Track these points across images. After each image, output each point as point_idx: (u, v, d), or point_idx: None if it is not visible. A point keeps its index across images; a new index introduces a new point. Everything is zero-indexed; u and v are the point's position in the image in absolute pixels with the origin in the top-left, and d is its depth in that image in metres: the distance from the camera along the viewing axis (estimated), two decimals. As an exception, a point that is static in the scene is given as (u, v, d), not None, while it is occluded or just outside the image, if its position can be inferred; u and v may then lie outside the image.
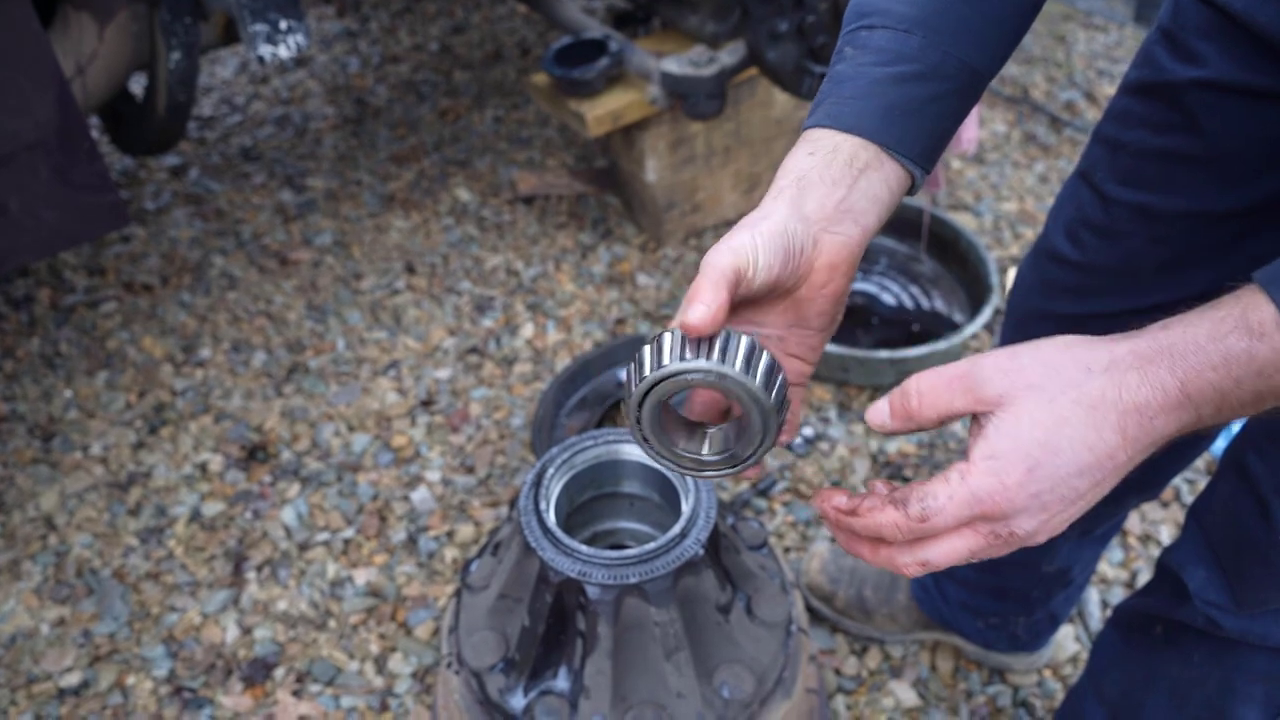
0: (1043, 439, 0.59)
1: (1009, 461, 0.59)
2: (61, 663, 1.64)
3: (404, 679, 1.61)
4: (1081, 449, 0.58)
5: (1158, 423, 0.58)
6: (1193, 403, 0.57)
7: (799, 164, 0.72)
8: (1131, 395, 0.58)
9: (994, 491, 0.59)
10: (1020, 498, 0.59)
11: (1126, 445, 0.58)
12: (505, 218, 2.56)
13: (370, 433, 2.02)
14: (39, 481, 1.93)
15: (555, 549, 1.11)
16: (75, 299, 2.34)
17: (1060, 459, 0.58)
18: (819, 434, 1.98)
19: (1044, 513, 0.60)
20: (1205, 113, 0.85)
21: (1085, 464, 0.59)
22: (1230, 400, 0.57)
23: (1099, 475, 0.59)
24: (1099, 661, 1.22)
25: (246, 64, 3.25)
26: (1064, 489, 0.59)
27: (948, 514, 0.60)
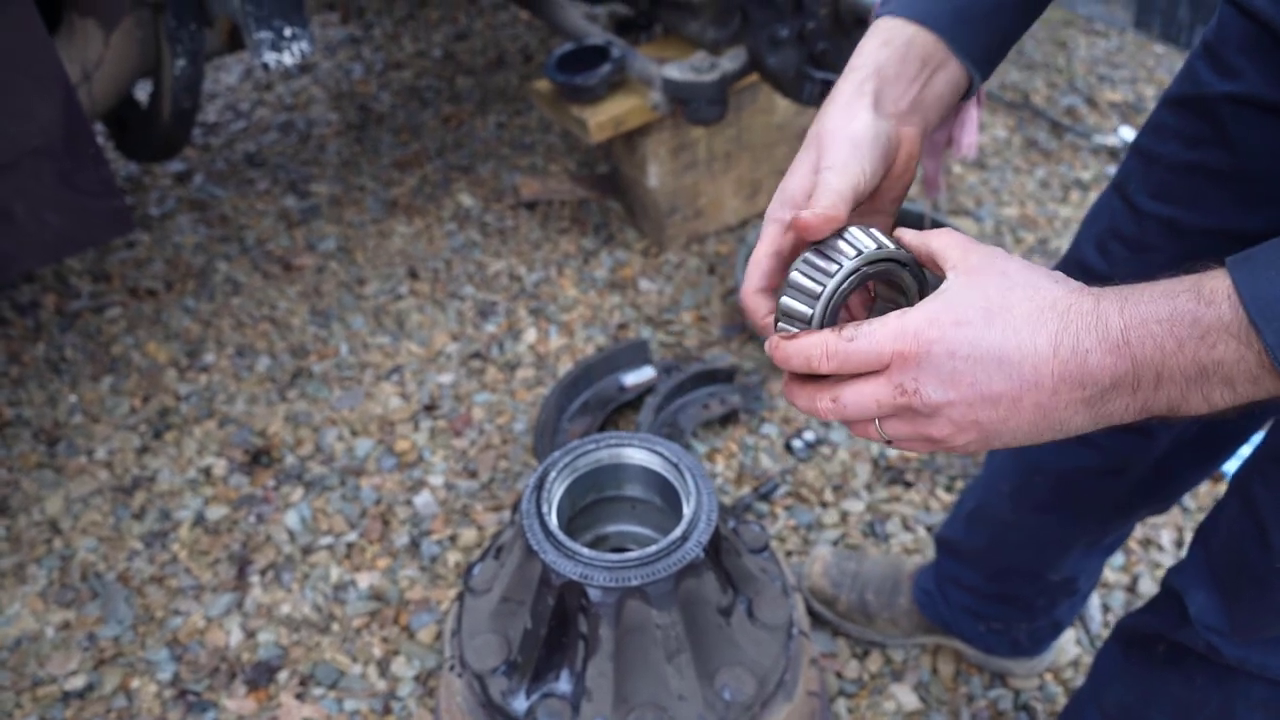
0: (983, 307, 0.60)
1: (944, 309, 0.60)
2: (66, 666, 1.65)
3: (407, 682, 1.61)
4: (1011, 339, 0.59)
5: (1092, 358, 0.57)
6: (1131, 351, 0.56)
7: (875, 55, 0.74)
8: (1078, 317, 0.58)
9: (919, 329, 0.60)
10: (938, 348, 0.60)
11: (1055, 365, 0.58)
12: (508, 223, 2.57)
13: (373, 437, 2.03)
14: (44, 486, 1.94)
15: (557, 552, 1.12)
16: (80, 304, 2.35)
17: (989, 334, 0.59)
18: (820, 438, 1.99)
19: (952, 388, 0.60)
20: (1237, 127, 0.85)
21: (1008, 356, 0.59)
22: (1171, 365, 0.56)
23: (1015, 383, 0.59)
24: (1101, 674, 1.23)
25: (251, 70, 3.26)
26: (979, 370, 0.59)
27: (874, 339, 0.61)
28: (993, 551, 1.40)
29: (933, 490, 1.88)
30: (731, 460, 1.96)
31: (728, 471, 1.94)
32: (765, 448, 1.97)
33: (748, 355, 2.17)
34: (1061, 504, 1.27)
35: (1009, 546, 1.37)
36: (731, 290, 2.33)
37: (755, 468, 1.94)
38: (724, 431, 2.02)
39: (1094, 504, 1.26)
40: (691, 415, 1.99)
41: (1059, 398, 0.59)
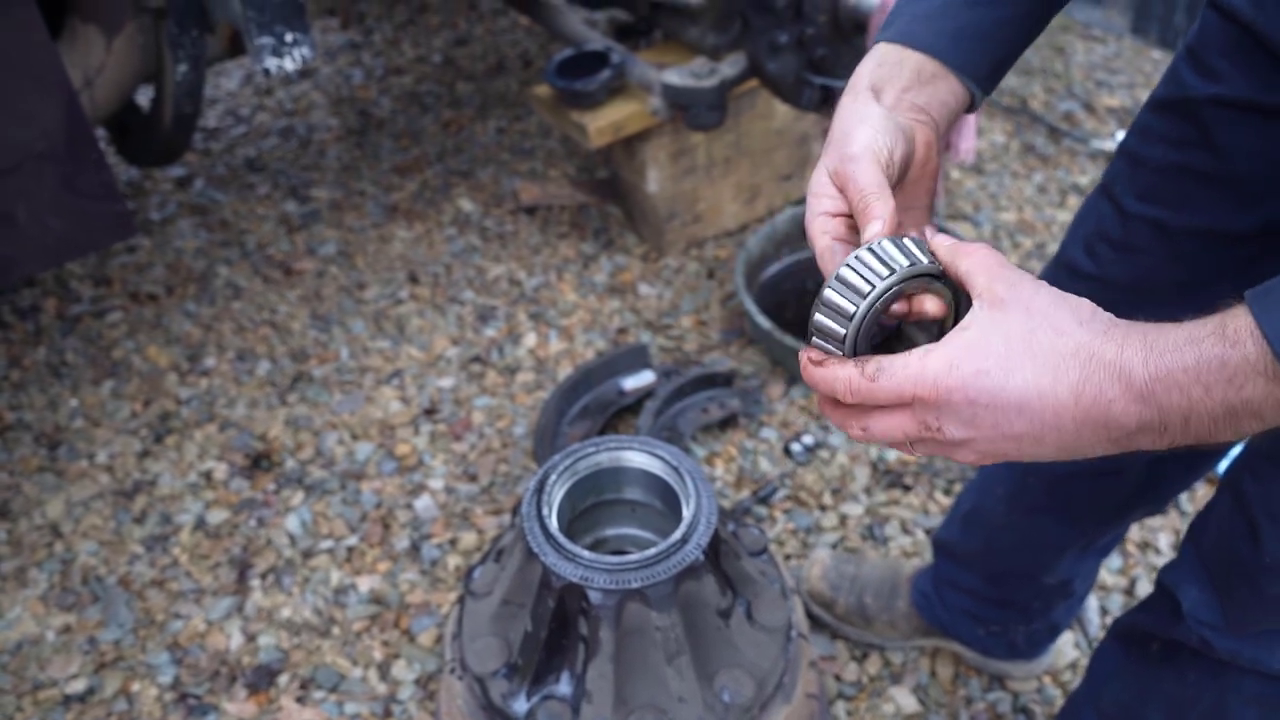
0: (1004, 355, 0.60)
1: (967, 356, 0.60)
2: (67, 669, 1.66)
3: (407, 685, 1.62)
4: (1033, 386, 0.59)
5: (1116, 406, 0.57)
6: (1158, 401, 0.57)
7: (870, 72, 0.75)
8: (1100, 367, 0.58)
9: (939, 375, 0.60)
10: (958, 395, 0.60)
11: (1076, 413, 0.58)
12: (508, 228, 2.58)
13: (374, 441, 2.03)
14: (45, 489, 1.94)
15: (558, 554, 1.12)
16: (81, 309, 2.36)
17: (1010, 381, 0.59)
18: (819, 442, 1.99)
19: (974, 429, 0.61)
20: (1220, 129, 0.86)
21: (1029, 403, 0.59)
22: (1200, 410, 0.56)
23: (1037, 425, 0.60)
24: (1098, 673, 1.23)
25: (251, 76, 3.27)
26: (999, 415, 0.60)
27: (895, 380, 0.62)
28: (988, 554, 1.41)
29: (931, 494, 1.89)
30: (731, 464, 1.97)
31: (727, 475, 1.94)
32: (764, 451, 1.98)
33: (747, 359, 2.18)
34: (1056, 506, 1.28)
35: (1004, 549, 1.38)
36: (731, 295, 2.34)
37: (754, 471, 1.94)
38: (723, 435, 2.02)
39: (1089, 505, 1.26)
40: (691, 419, 2.00)
41: (1082, 438, 0.60)
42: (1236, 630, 0.96)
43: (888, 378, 0.62)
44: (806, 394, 2.09)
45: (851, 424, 0.67)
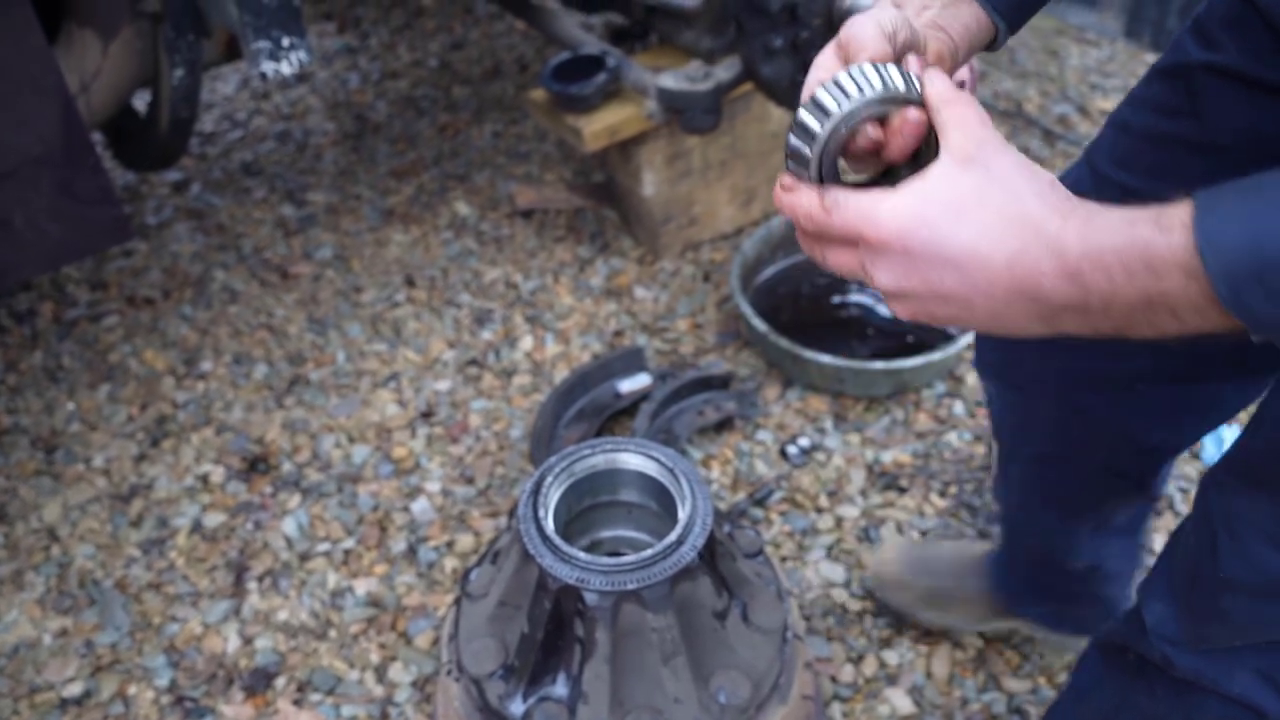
0: (951, 211, 0.59)
1: (914, 205, 0.60)
2: (64, 673, 1.66)
3: (404, 688, 1.62)
4: (969, 246, 0.59)
5: (1045, 281, 0.58)
6: (1083, 280, 0.57)
7: None
8: (1038, 239, 0.58)
9: (883, 219, 0.61)
10: (896, 243, 0.61)
11: (1008, 280, 0.59)
12: (504, 231, 2.58)
13: (370, 444, 2.04)
14: (42, 493, 1.94)
15: (554, 556, 1.13)
16: (78, 313, 2.36)
17: (950, 238, 0.59)
18: (815, 444, 2.00)
19: (905, 280, 0.62)
20: (1209, 97, 0.88)
21: (963, 263, 0.59)
22: (1121, 296, 0.56)
23: (968, 288, 0.60)
24: (1080, 681, 1.23)
25: (248, 80, 3.28)
26: (932, 270, 0.61)
27: (846, 216, 0.63)
28: (1014, 541, 1.43)
29: (927, 496, 1.89)
30: (727, 466, 1.97)
31: (723, 478, 1.95)
32: (760, 454, 1.99)
33: (743, 362, 2.19)
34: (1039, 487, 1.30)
35: (1021, 534, 1.40)
36: (726, 298, 2.34)
37: (751, 474, 1.95)
38: (719, 438, 2.03)
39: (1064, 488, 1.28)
40: (687, 422, 2.01)
41: (1012, 307, 0.60)
42: (1194, 645, 0.95)
43: (840, 212, 0.63)
44: (802, 397, 2.10)
45: (815, 250, 0.68)
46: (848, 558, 1.80)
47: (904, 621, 1.68)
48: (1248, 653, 0.94)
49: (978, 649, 1.65)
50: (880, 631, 1.68)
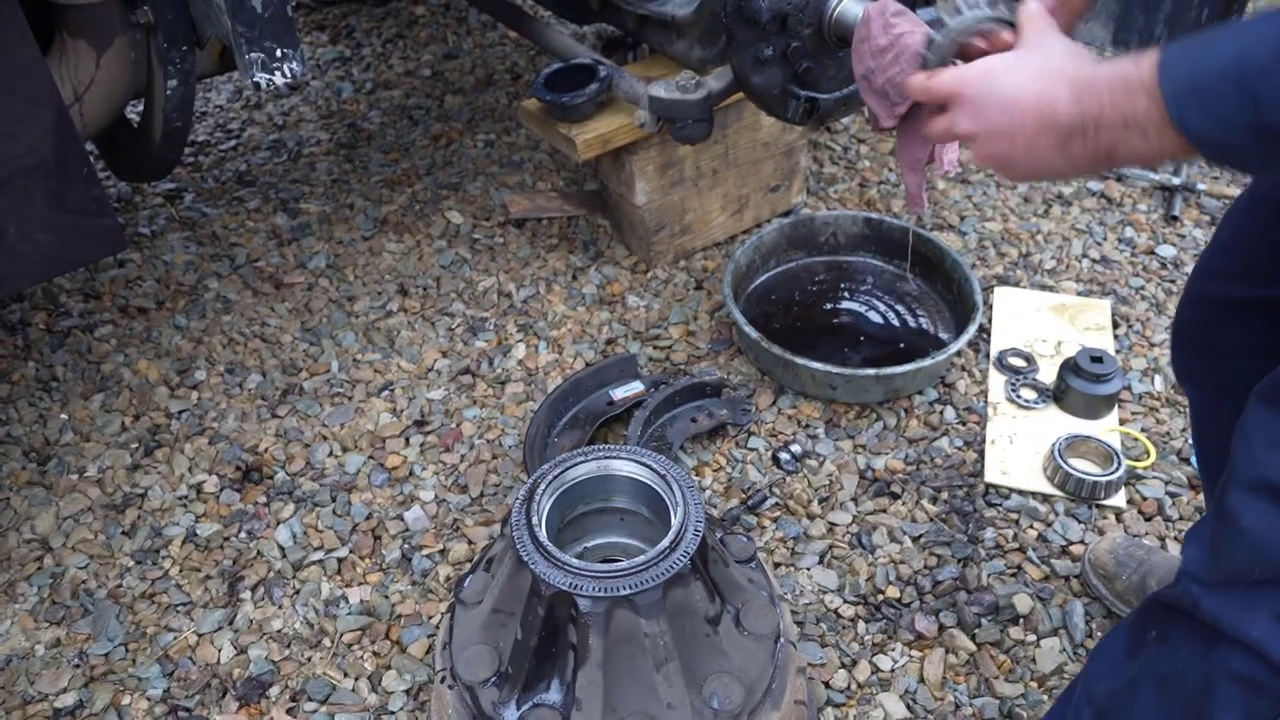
0: (1008, 68, 0.88)
1: (986, 67, 0.90)
2: (57, 684, 1.65)
3: (398, 696, 1.62)
4: (1012, 88, 0.86)
5: (1060, 107, 0.81)
6: (1082, 103, 0.79)
7: None
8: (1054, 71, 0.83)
9: (963, 78, 0.91)
10: (968, 90, 0.90)
11: (1034, 110, 0.83)
12: (497, 240, 2.59)
13: (364, 453, 2.04)
14: (34, 504, 1.94)
15: (547, 562, 1.13)
16: (71, 322, 2.36)
17: (1002, 84, 0.87)
18: (807, 451, 2.01)
19: (973, 121, 0.90)
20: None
21: (1007, 102, 0.86)
22: (1106, 116, 0.77)
23: (1011, 122, 0.85)
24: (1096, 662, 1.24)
25: (241, 90, 3.28)
26: (989, 110, 0.88)
27: (941, 81, 0.95)
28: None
29: (919, 502, 1.90)
30: (719, 473, 1.98)
31: (716, 484, 1.95)
32: (753, 460, 1.99)
33: (735, 369, 2.19)
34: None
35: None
36: (719, 305, 2.35)
37: (743, 480, 1.95)
38: (712, 445, 2.04)
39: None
40: (679, 429, 2.01)
41: (1040, 138, 0.83)
42: (1217, 579, 0.99)
43: (936, 82, 0.95)
44: (795, 403, 2.10)
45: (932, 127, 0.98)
46: (840, 564, 1.80)
47: (898, 627, 1.69)
48: (1266, 594, 0.97)
49: (970, 654, 1.66)
50: (873, 637, 1.69)
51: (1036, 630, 1.69)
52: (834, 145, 2.90)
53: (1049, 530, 1.84)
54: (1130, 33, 3.28)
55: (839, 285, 2.40)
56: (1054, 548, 1.81)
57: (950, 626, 1.69)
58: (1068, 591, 1.74)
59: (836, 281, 2.41)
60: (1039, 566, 1.78)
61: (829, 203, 2.69)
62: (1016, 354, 2.19)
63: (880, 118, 1.88)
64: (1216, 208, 2.61)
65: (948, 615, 1.71)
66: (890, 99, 1.80)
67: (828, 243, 2.45)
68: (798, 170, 2.58)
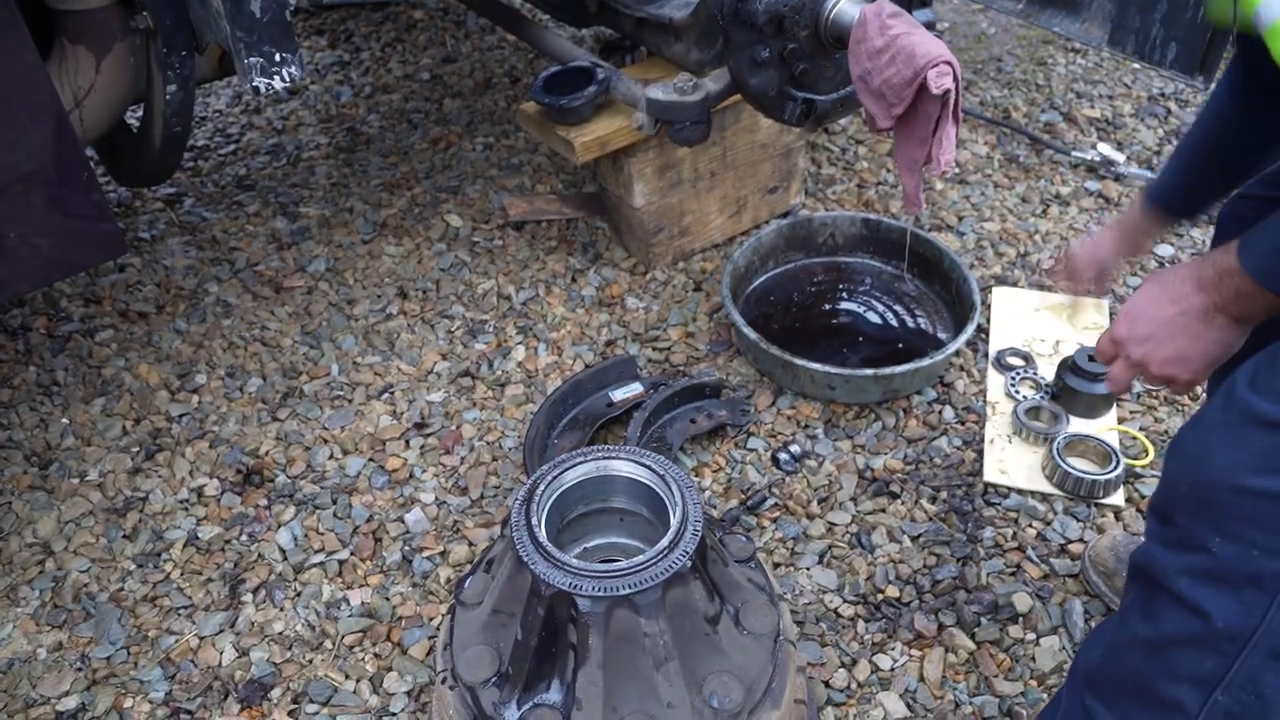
0: (1137, 300, 1.12)
1: (1123, 314, 1.13)
2: (59, 687, 1.66)
3: (399, 697, 1.63)
4: (1151, 305, 1.09)
5: (1192, 297, 1.05)
6: (1205, 288, 1.04)
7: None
8: (1178, 278, 1.07)
9: (1114, 329, 1.14)
10: (1121, 329, 1.13)
11: (1177, 305, 1.06)
12: (496, 243, 2.60)
13: (364, 455, 2.04)
14: (36, 508, 1.95)
15: (547, 562, 1.14)
16: (71, 327, 2.36)
17: (1139, 309, 1.11)
18: (806, 451, 2.01)
19: (1141, 344, 1.10)
20: None
21: (1153, 313, 1.09)
22: (1224, 292, 1.02)
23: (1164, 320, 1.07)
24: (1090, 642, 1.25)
25: (240, 95, 3.29)
26: (1145, 328, 1.09)
27: (1103, 345, 1.18)
28: None
29: (918, 501, 1.91)
30: (719, 474, 1.98)
31: (715, 485, 1.96)
32: (752, 461, 2.00)
33: (734, 370, 2.20)
34: None
35: None
36: (718, 307, 2.36)
37: (743, 481, 1.96)
38: (711, 446, 2.04)
39: None
40: (679, 430, 2.02)
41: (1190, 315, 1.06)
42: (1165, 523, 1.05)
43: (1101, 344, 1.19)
44: (794, 404, 2.11)
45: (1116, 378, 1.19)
46: (839, 563, 1.81)
47: (898, 626, 1.70)
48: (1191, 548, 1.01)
49: (970, 652, 1.66)
50: (873, 636, 1.69)
51: (1036, 629, 1.69)
52: (832, 147, 2.91)
53: (1048, 529, 1.84)
54: (1126, 33, 3.28)
55: (837, 286, 2.41)
56: (1053, 546, 1.82)
57: (950, 625, 1.70)
58: (1066, 590, 1.75)
59: (835, 282, 2.42)
60: (1038, 565, 1.78)
61: (827, 204, 2.70)
62: (1015, 353, 2.19)
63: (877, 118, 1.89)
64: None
65: (947, 614, 1.71)
66: (887, 100, 1.81)
67: (826, 244, 2.45)
68: (796, 172, 2.59)
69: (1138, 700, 1.10)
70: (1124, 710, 1.12)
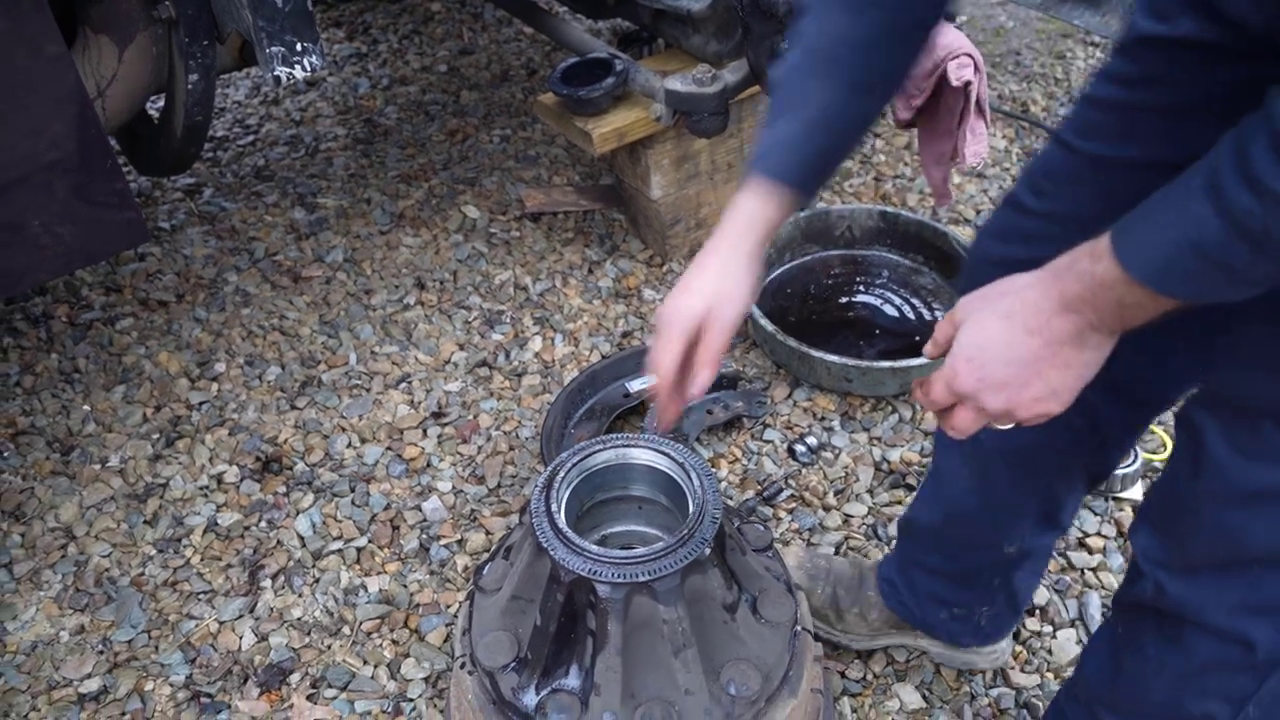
0: (977, 342, 0.86)
1: (957, 359, 0.88)
2: (81, 669, 1.68)
3: (417, 683, 1.64)
4: (1001, 344, 0.84)
5: (1055, 322, 0.81)
6: (1073, 307, 0.80)
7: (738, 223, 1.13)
8: (1029, 304, 0.83)
9: (952, 378, 0.88)
10: (969, 381, 0.87)
11: (1038, 335, 0.82)
12: (513, 234, 2.60)
13: (382, 444, 2.05)
14: (58, 493, 1.97)
15: (566, 549, 1.14)
16: (92, 315, 2.38)
17: (987, 354, 0.85)
18: (823, 443, 2.01)
19: (1000, 390, 0.85)
20: (1167, 66, 0.93)
21: (1008, 354, 0.84)
22: (1101, 306, 0.78)
23: (1026, 358, 0.83)
24: (1086, 664, 1.25)
25: (259, 86, 3.31)
26: (997, 372, 0.85)
27: (938, 395, 0.92)
28: (950, 525, 1.40)
29: (934, 494, 1.90)
30: (735, 465, 1.99)
31: (731, 476, 1.96)
32: (769, 452, 2.00)
33: (751, 362, 2.20)
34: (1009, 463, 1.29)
35: (965, 516, 1.38)
36: (734, 299, 2.36)
37: (759, 472, 1.96)
38: (727, 437, 2.04)
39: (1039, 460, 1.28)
40: (695, 421, 2.02)
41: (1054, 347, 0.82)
42: (1179, 566, 1.00)
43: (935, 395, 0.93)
44: (810, 396, 2.11)
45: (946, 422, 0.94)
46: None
47: None
48: (1232, 581, 0.98)
49: (986, 645, 1.66)
50: (888, 628, 1.69)
51: (1053, 622, 1.69)
52: (849, 139, 2.90)
53: (1065, 522, 1.84)
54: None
55: (854, 278, 2.41)
56: (1070, 540, 1.81)
57: (966, 617, 1.69)
58: (1084, 584, 1.74)
59: (852, 275, 2.42)
60: (1055, 559, 1.78)
61: (844, 196, 2.69)
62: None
63: (897, 109, 1.89)
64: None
65: (963, 606, 1.71)
66: (907, 91, 1.80)
67: (843, 236, 2.45)
68: (813, 164, 2.58)
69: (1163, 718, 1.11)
70: None
